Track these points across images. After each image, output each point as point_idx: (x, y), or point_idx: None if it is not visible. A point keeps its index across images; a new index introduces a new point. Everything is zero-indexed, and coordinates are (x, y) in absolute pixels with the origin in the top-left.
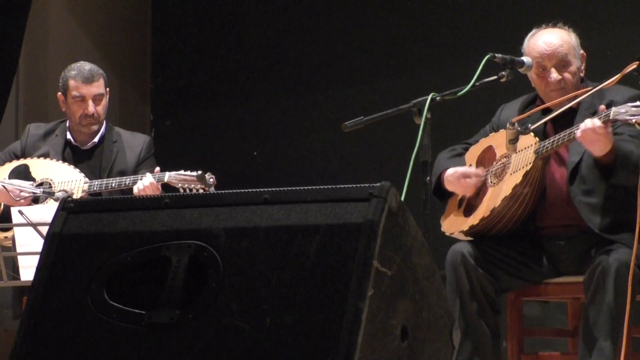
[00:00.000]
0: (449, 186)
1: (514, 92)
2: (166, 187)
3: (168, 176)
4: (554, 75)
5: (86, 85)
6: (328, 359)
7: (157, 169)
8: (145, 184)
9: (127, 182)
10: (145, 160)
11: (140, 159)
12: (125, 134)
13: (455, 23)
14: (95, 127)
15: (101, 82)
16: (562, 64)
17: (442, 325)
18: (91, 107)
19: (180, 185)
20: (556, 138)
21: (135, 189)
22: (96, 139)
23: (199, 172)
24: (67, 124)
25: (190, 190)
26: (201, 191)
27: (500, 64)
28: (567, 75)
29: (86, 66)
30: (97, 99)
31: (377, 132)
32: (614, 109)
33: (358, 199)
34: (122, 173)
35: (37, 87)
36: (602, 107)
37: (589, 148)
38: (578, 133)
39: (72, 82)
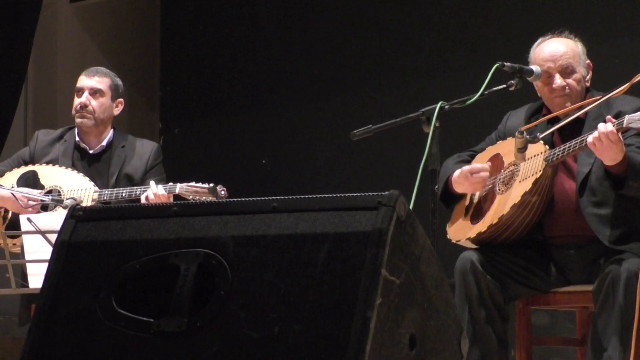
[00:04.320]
0: (458, 188)
1: (524, 100)
2: (177, 198)
3: (179, 187)
4: (559, 81)
5: (87, 77)
6: None
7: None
8: (156, 193)
9: (137, 193)
10: (153, 167)
11: (148, 166)
12: (133, 140)
13: (463, 32)
14: (87, 123)
15: (104, 80)
16: (567, 70)
17: (451, 334)
18: (84, 98)
19: (191, 197)
20: (567, 146)
21: (144, 198)
22: (104, 143)
23: (211, 184)
24: (76, 129)
25: None
26: None
27: (509, 73)
28: (571, 82)
29: (99, 67)
30: (93, 92)
31: (385, 140)
32: (627, 116)
33: (366, 208)
34: (130, 178)
35: (46, 94)
36: (610, 117)
37: (600, 156)
38: (589, 139)
39: (79, 77)
